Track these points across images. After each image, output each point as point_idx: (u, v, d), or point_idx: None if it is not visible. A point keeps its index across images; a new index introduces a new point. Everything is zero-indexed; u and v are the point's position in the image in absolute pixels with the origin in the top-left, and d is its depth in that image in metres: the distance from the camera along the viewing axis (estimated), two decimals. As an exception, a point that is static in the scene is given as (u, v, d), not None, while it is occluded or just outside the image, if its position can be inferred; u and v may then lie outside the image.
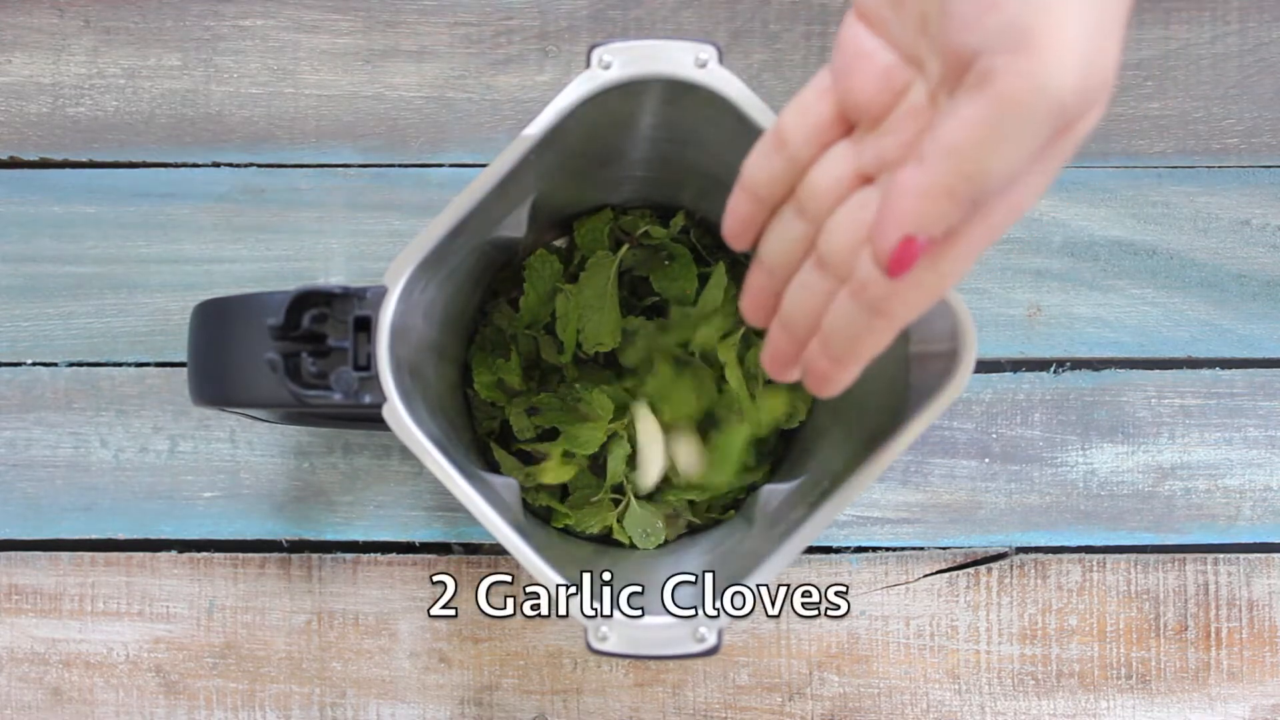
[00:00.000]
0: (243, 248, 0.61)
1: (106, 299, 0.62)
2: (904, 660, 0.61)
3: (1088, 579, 0.61)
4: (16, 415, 0.61)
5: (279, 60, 0.62)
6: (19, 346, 0.62)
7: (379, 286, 0.43)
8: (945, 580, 0.61)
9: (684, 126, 0.47)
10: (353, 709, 0.60)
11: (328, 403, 0.43)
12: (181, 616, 0.61)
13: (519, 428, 0.58)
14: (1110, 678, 0.61)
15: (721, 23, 0.62)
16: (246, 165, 0.62)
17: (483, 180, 0.43)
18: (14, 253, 0.62)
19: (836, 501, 0.44)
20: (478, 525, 0.46)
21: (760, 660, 0.60)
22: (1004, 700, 0.61)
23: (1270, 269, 0.62)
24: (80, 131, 0.62)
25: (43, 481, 0.61)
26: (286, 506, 0.61)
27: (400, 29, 0.62)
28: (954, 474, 0.61)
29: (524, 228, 0.52)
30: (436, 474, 0.43)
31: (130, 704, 0.61)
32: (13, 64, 0.62)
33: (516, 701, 0.60)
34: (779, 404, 0.57)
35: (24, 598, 0.61)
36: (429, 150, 0.62)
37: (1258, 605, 0.61)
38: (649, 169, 0.55)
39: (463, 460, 0.47)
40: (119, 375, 0.61)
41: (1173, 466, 0.61)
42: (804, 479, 0.52)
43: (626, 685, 0.60)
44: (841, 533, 0.61)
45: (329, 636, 0.61)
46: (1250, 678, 0.61)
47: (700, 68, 0.43)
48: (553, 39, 0.62)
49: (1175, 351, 0.62)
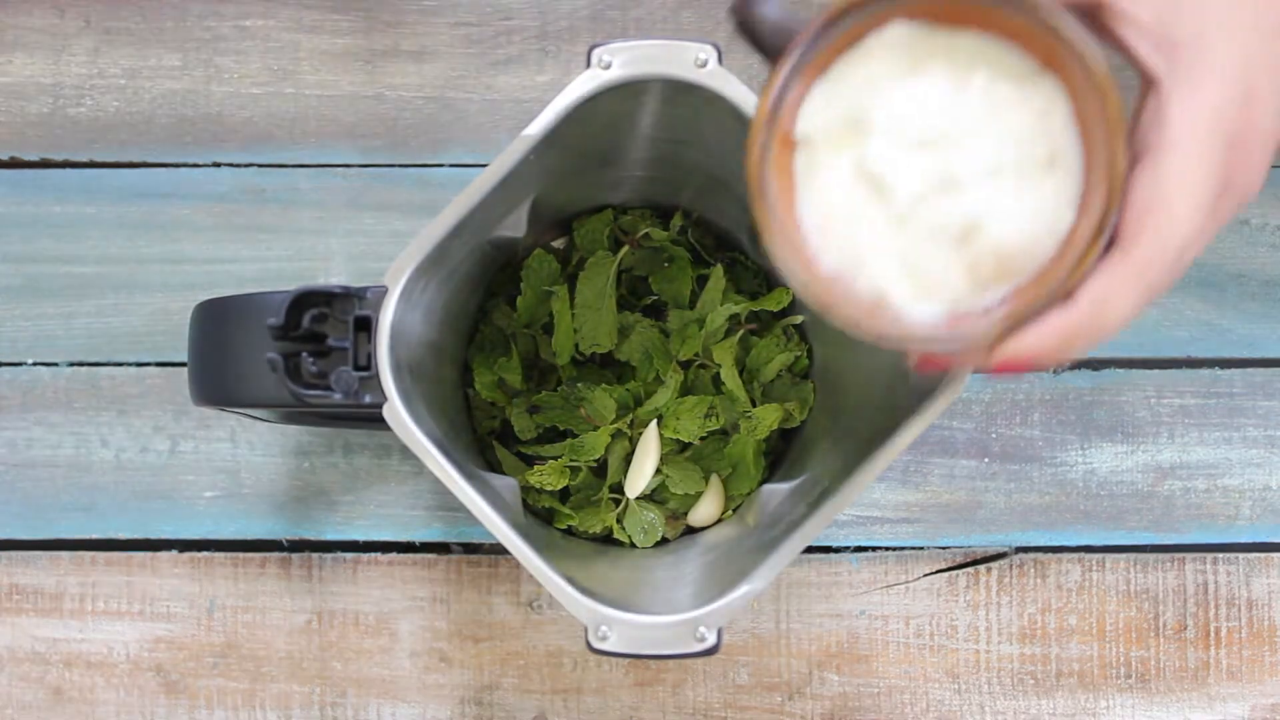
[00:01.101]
0: (243, 248, 0.62)
1: (107, 299, 0.62)
2: (904, 660, 0.61)
3: (1087, 578, 0.61)
4: (17, 415, 0.61)
5: (279, 60, 0.62)
6: (19, 346, 0.62)
7: (379, 286, 0.43)
8: (945, 580, 0.61)
9: (684, 126, 0.47)
10: (353, 708, 0.60)
11: (328, 403, 0.43)
12: (182, 616, 0.61)
13: (520, 427, 0.58)
14: (1110, 677, 0.61)
15: (721, 23, 0.62)
16: (247, 165, 0.62)
17: (483, 180, 0.43)
18: (14, 253, 0.62)
19: (836, 501, 0.44)
20: (478, 525, 0.46)
21: (760, 660, 0.61)
22: (1004, 700, 0.61)
23: (1269, 269, 0.62)
24: (81, 132, 0.62)
25: (43, 481, 0.61)
26: (287, 506, 0.61)
27: (400, 29, 0.62)
28: (953, 474, 0.61)
29: (524, 228, 0.52)
30: (437, 474, 0.43)
31: (131, 703, 0.61)
32: (13, 64, 0.62)
33: (516, 701, 0.60)
34: (776, 409, 0.57)
35: (24, 597, 0.61)
36: (429, 150, 0.62)
37: (1257, 605, 0.61)
38: (649, 169, 0.55)
39: (463, 460, 0.47)
40: (119, 375, 0.62)
41: (1172, 466, 0.61)
42: (804, 479, 0.52)
43: (626, 685, 0.61)
44: (841, 532, 0.61)
45: (329, 636, 0.61)
46: (1250, 677, 0.61)
47: (700, 68, 0.43)
48: (553, 39, 0.62)
49: (1174, 351, 0.62)
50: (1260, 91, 0.34)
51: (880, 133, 0.34)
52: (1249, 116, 0.34)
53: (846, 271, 0.35)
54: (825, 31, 0.34)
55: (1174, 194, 0.33)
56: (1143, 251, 0.33)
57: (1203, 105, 0.34)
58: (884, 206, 0.34)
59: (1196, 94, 0.34)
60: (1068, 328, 0.34)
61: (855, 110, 0.35)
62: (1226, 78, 0.34)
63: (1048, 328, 0.34)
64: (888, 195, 0.34)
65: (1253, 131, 0.34)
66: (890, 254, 0.35)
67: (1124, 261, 0.33)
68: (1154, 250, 0.33)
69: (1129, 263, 0.33)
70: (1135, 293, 0.34)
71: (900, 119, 0.34)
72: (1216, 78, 0.34)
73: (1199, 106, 0.34)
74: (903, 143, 0.34)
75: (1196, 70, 0.34)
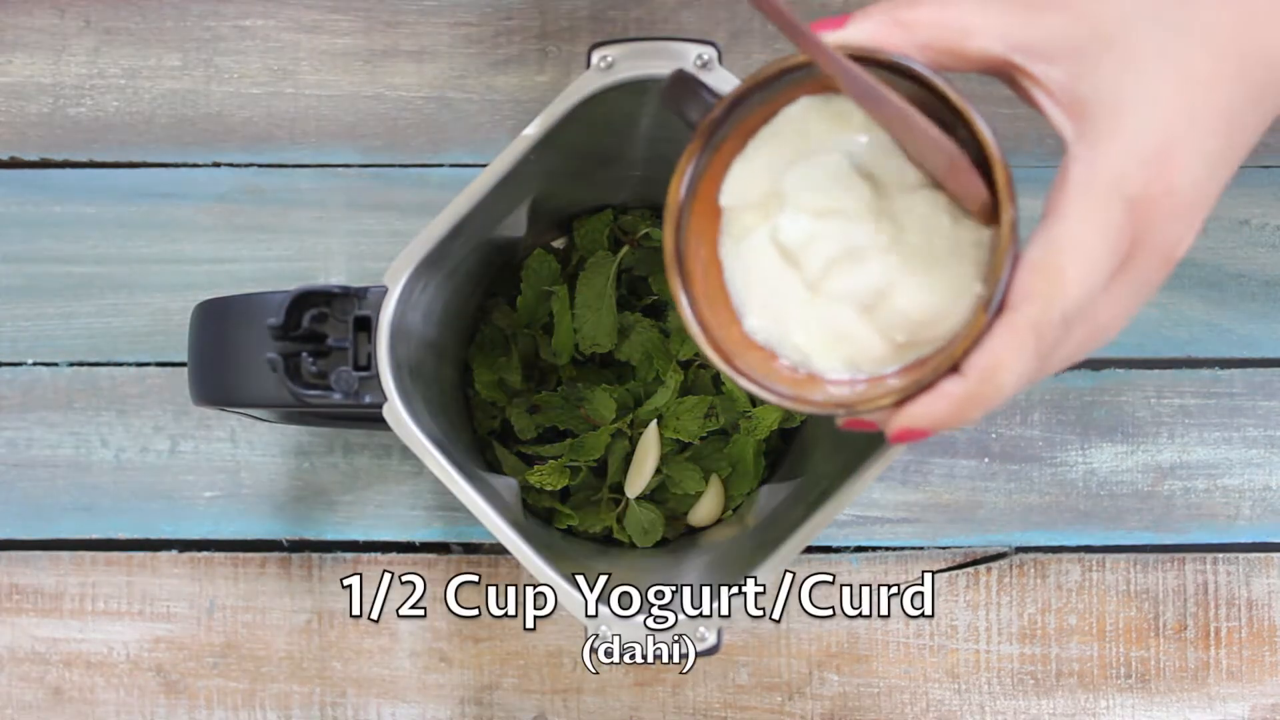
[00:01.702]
0: (243, 248, 0.62)
1: (107, 299, 0.62)
2: (904, 660, 0.61)
3: (1087, 578, 0.61)
4: (17, 415, 0.61)
5: (279, 60, 0.62)
6: (19, 346, 0.62)
7: (379, 286, 0.43)
8: (945, 580, 0.61)
9: (684, 126, 0.47)
10: (353, 708, 0.60)
11: (328, 402, 0.43)
12: (182, 616, 0.61)
13: (520, 427, 0.58)
14: (1110, 677, 0.61)
15: (721, 23, 0.62)
16: (247, 165, 0.62)
17: (483, 180, 0.43)
18: (14, 253, 0.62)
19: (836, 501, 0.44)
20: (478, 525, 0.46)
21: (760, 660, 0.61)
22: (1003, 700, 0.61)
23: (1269, 269, 0.62)
24: (81, 132, 0.62)
25: (43, 481, 0.61)
26: (287, 506, 0.61)
27: (400, 29, 0.62)
28: (953, 473, 0.61)
29: (524, 228, 0.52)
30: (437, 473, 0.43)
31: (131, 703, 0.61)
32: (13, 64, 0.62)
33: (516, 701, 0.60)
34: (776, 409, 0.57)
35: (24, 597, 0.61)
36: (429, 150, 0.62)
37: (1257, 605, 0.61)
38: (649, 169, 0.55)
39: (463, 460, 0.47)
40: (119, 375, 0.62)
41: (1172, 466, 0.61)
42: (804, 479, 0.53)
43: (626, 685, 0.61)
44: (841, 532, 0.61)
45: (329, 636, 0.61)
46: (1250, 677, 0.61)
47: (700, 68, 0.43)
48: (553, 39, 0.62)
49: (1174, 351, 0.62)
50: (1180, 149, 0.33)
51: (790, 205, 0.35)
52: (1163, 176, 0.32)
53: (774, 336, 0.36)
54: (735, 110, 0.35)
55: (1063, 256, 0.32)
56: (1026, 315, 0.32)
57: (1100, 166, 0.32)
58: (798, 274, 0.36)
59: (1095, 155, 0.33)
60: (957, 397, 0.33)
61: (769, 184, 0.36)
62: (1134, 137, 0.32)
63: (937, 397, 0.33)
64: (801, 264, 0.35)
65: (1166, 192, 0.32)
66: (810, 321, 0.36)
67: (1009, 326, 0.32)
68: (1039, 314, 0.32)
69: (1014, 328, 0.32)
70: (1022, 359, 0.32)
71: (802, 192, 0.35)
72: (1122, 138, 0.32)
73: (1095, 168, 0.32)
74: (808, 214, 0.35)
75: (1101, 131, 0.33)
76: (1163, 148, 0.32)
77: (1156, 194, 0.32)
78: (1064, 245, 0.32)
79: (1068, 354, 0.34)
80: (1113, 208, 0.32)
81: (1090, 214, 0.32)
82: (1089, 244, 0.32)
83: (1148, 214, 0.32)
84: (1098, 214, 0.32)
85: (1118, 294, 0.34)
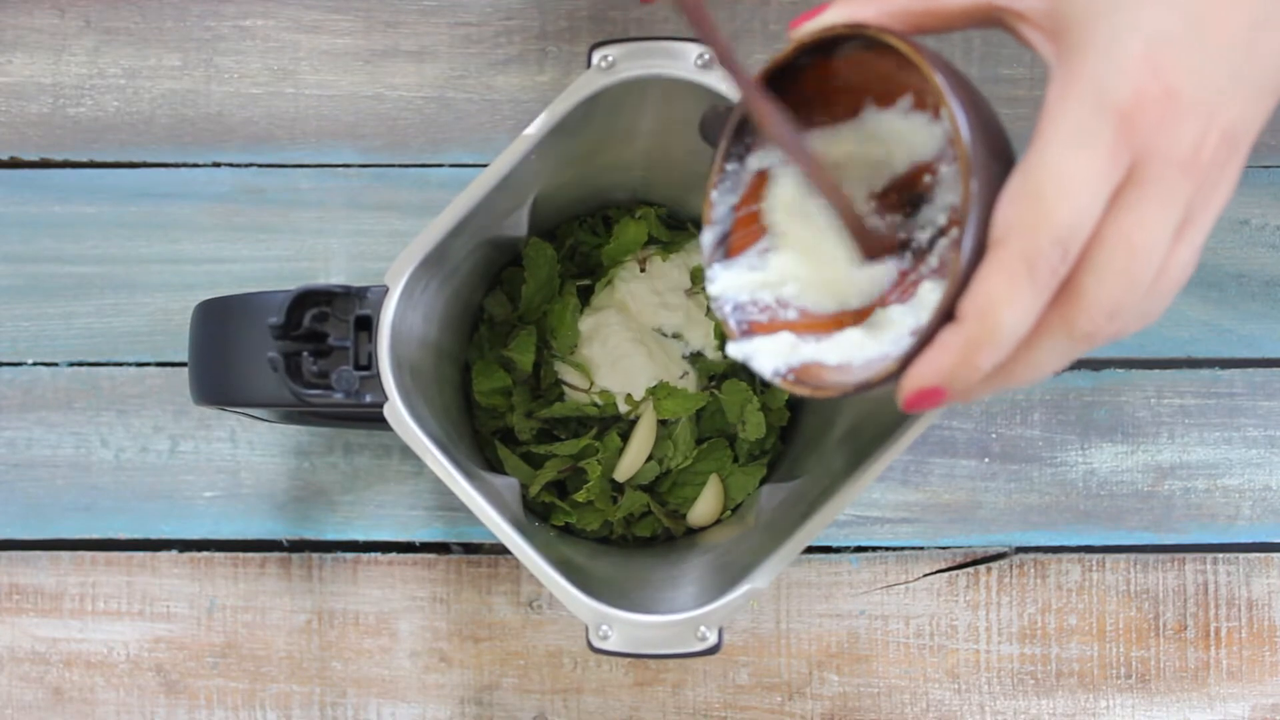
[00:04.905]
0: (243, 248, 0.62)
1: (107, 299, 0.62)
2: (904, 660, 0.61)
3: (1087, 578, 0.61)
4: (17, 415, 0.61)
5: (279, 60, 0.62)
6: (19, 346, 0.62)
7: (380, 286, 0.43)
8: (945, 580, 0.61)
9: (684, 126, 0.47)
10: (353, 708, 0.60)
11: (329, 402, 0.43)
12: (182, 616, 0.61)
13: (519, 427, 0.58)
14: (1110, 677, 0.61)
15: (721, 23, 0.62)
16: (247, 165, 0.62)
17: (483, 180, 0.43)
18: (14, 253, 0.62)
19: (836, 502, 0.44)
20: (478, 525, 0.46)
21: (760, 660, 0.61)
22: (1004, 700, 0.61)
23: (1269, 269, 0.62)
24: (81, 132, 0.62)
25: (43, 481, 0.61)
26: (287, 506, 0.61)
27: (400, 29, 0.62)
28: (954, 474, 0.61)
29: (524, 227, 0.52)
30: (438, 473, 0.43)
31: (131, 703, 0.61)
32: (13, 64, 0.62)
33: (516, 701, 0.60)
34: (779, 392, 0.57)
35: (24, 597, 0.61)
36: (429, 150, 0.62)
37: (1257, 605, 0.61)
38: (649, 169, 0.55)
39: (463, 460, 0.47)
40: (120, 375, 0.62)
41: (1172, 466, 0.61)
42: (804, 479, 0.53)
43: (626, 685, 0.61)
44: (841, 532, 0.61)
45: (329, 636, 0.61)
46: (1250, 677, 0.61)
47: (700, 68, 0.43)
48: (553, 39, 0.62)
49: (1175, 351, 0.62)
50: (1174, 48, 0.30)
51: None
52: (1158, 77, 0.30)
53: None
54: None
55: (1041, 182, 0.30)
56: (1011, 247, 0.31)
57: (1074, 81, 0.31)
58: None
59: (1068, 70, 0.31)
60: (957, 345, 0.32)
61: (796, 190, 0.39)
62: (1111, 43, 0.31)
63: (937, 349, 0.32)
64: None
65: (1165, 94, 0.30)
66: None
67: (995, 261, 0.31)
68: (1025, 242, 0.30)
69: (1000, 261, 0.31)
70: (1017, 287, 0.31)
71: None
72: (1096, 47, 0.31)
73: (1068, 84, 0.31)
74: None
75: (1074, 44, 0.31)
76: (1150, 49, 0.31)
77: (1151, 98, 0.30)
78: (1040, 170, 0.31)
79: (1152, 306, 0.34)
80: (1096, 121, 0.31)
81: (1068, 133, 0.31)
82: (1068, 164, 0.31)
83: (1146, 121, 0.31)
84: (1076, 131, 0.31)
85: (1152, 216, 0.31)
